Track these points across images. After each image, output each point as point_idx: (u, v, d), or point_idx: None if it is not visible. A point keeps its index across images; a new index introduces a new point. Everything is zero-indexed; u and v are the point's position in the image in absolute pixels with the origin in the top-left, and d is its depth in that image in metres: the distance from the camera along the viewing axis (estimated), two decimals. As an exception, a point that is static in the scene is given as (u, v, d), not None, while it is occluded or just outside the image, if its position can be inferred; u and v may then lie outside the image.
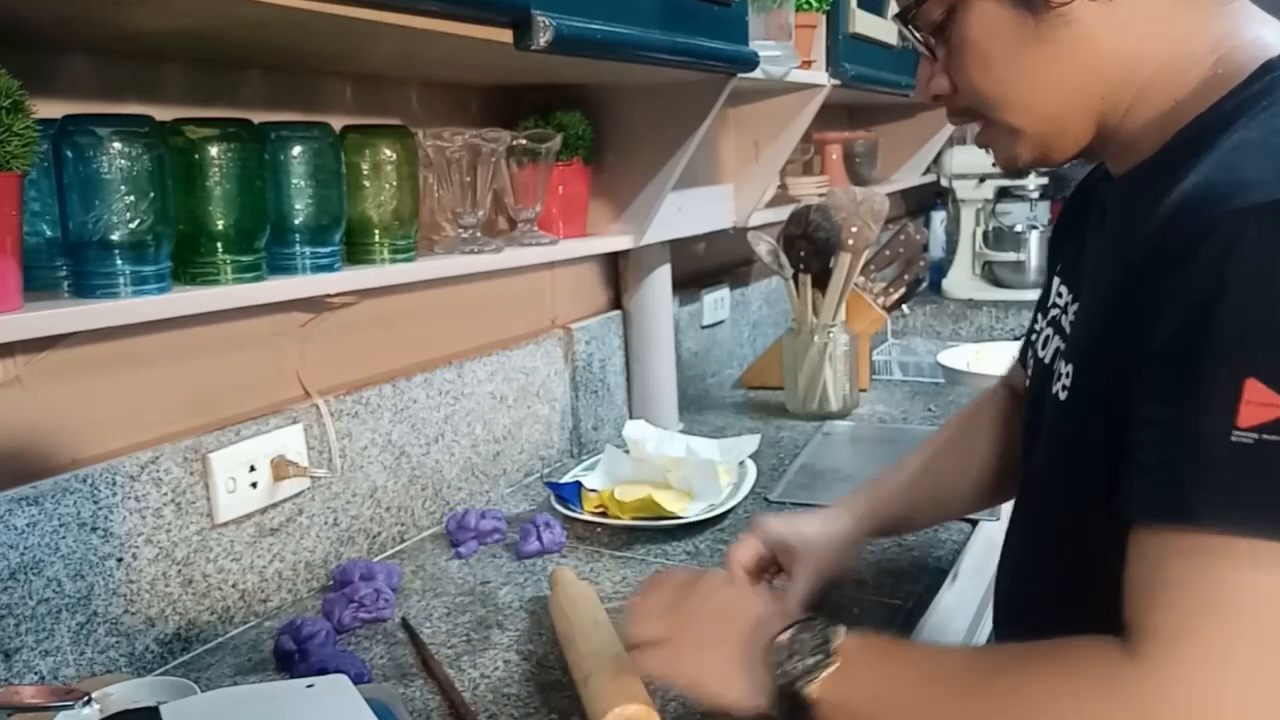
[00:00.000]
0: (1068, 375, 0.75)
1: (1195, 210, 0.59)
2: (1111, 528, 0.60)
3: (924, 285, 2.57)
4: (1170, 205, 0.61)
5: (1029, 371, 0.90)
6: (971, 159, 2.83)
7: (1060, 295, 0.83)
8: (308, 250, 1.02)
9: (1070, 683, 0.59)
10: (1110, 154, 0.77)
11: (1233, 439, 0.54)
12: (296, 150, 1.00)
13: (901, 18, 0.78)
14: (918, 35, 0.78)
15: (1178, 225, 0.60)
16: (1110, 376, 0.65)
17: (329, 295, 1.12)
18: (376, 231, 1.10)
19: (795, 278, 1.76)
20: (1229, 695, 0.54)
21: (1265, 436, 0.53)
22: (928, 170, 2.82)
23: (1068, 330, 0.80)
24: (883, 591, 1.08)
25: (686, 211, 1.64)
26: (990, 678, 0.63)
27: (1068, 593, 0.76)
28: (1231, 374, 0.54)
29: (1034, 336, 0.88)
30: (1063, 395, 0.75)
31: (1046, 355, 0.83)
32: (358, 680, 0.86)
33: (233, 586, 1.07)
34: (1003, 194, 2.93)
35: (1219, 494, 0.55)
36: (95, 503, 0.93)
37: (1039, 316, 0.88)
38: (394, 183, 1.10)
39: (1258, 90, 0.66)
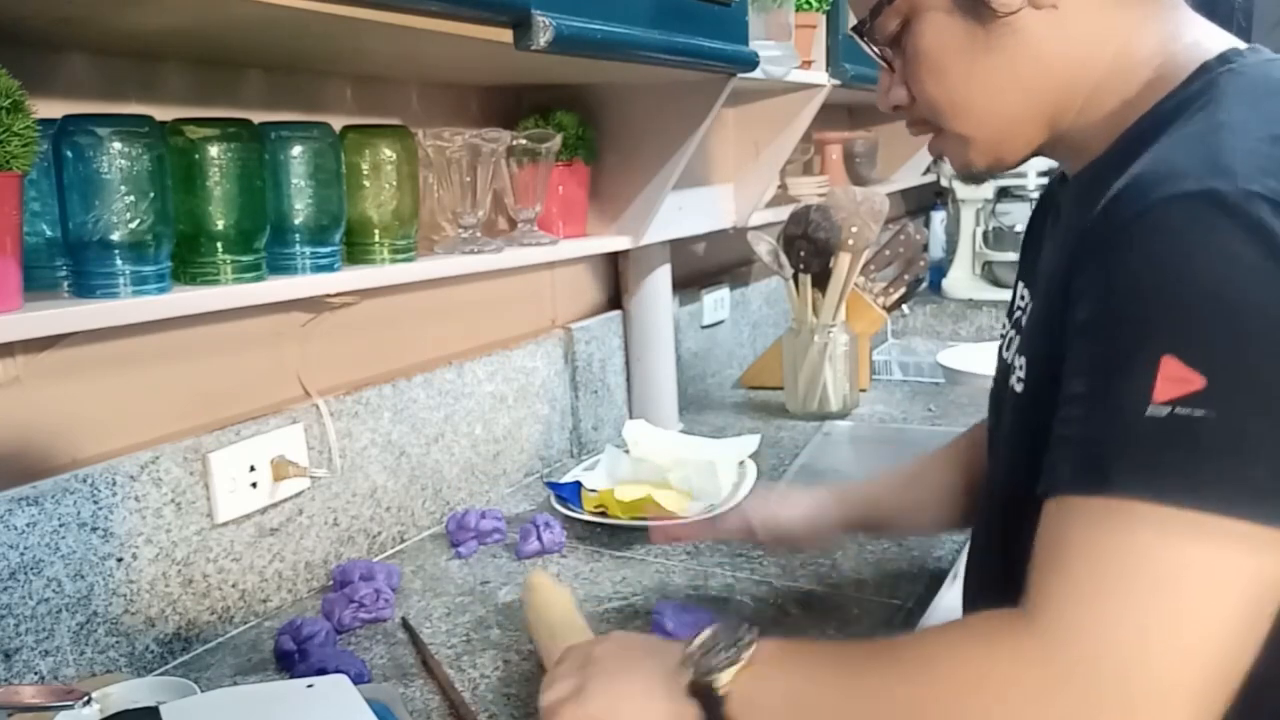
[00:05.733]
0: (1022, 368, 0.77)
1: (1128, 199, 0.61)
2: None
3: (924, 285, 2.57)
4: (1107, 197, 0.64)
5: (995, 373, 0.91)
6: (971, 159, 2.82)
7: (1022, 298, 0.86)
8: (308, 250, 1.02)
9: (975, 649, 0.61)
10: (1063, 155, 0.80)
11: (1148, 412, 0.56)
12: (296, 150, 1.00)
13: (858, 31, 0.81)
14: (875, 48, 0.81)
15: (1110, 213, 0.62)
16: (1055, 364, 0.67)
17: (329, 295, 1.12)
18: (376, 231, 1.10)
19: (795, 278, 1.76)
20: (1117, 658, 0.56)
21: (1178, 410, 0.56)
22: (928, 170, 2.82)
23: (1024, 326, 0.82)
24: (882, 592, 1.08)
25: (686, 211, 1.63)
26: (903, 655, 0.66)
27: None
28: (1150, 351, 0.57)
29: (1001, 341, 0.90)
30: (1019, 388, 0.78)
31: (1009, 355, 0.85)
32: (358, 680, 0.86)
33: (233, 586, 1.07)
34: (1003, 194, 2.92)
35: (1134, 463, 0.57)
36: (95, 503, 0.93)
37: (1006, 322, 0.90)
38: (394, 183, 1.10)
39: (1195, 90, 0.69)
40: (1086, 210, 0.67)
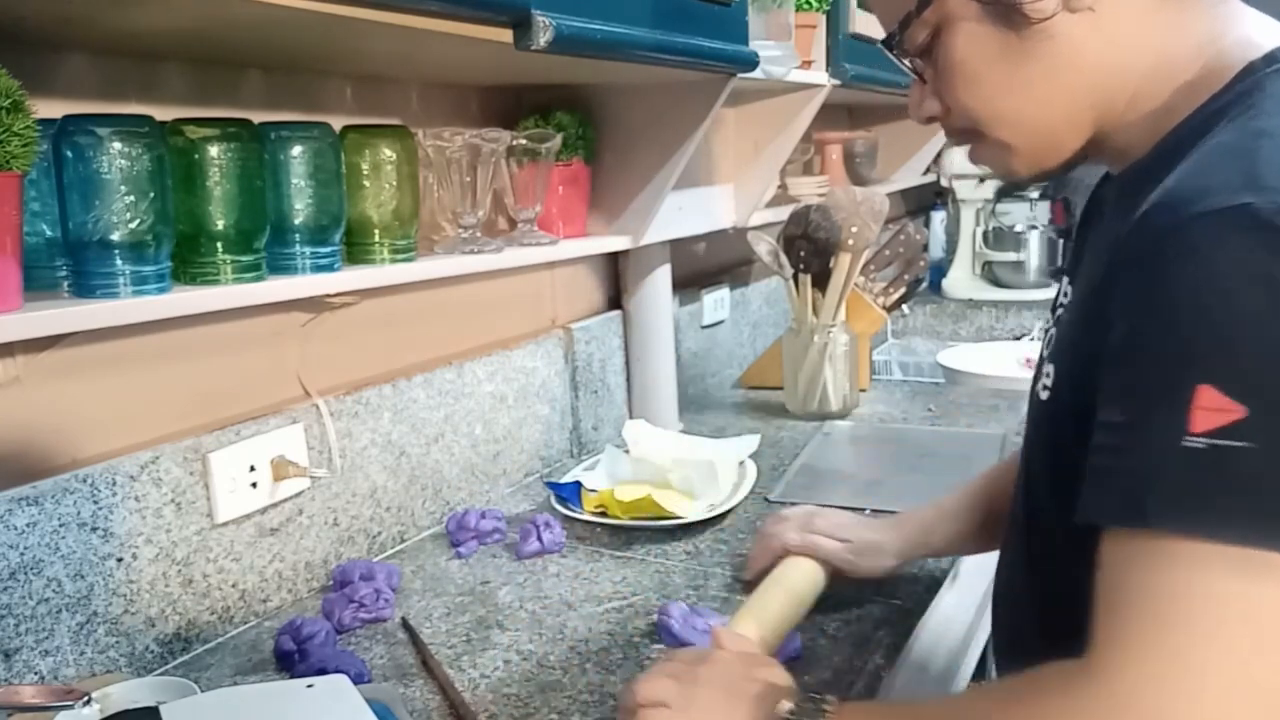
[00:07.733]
0: (1049, 375, 0.75)
1: (1159, 214, 0.59)
2: (1091, 533, 0.60)
3: (924, 285, 2.57)
4: (1141, 210, 0.61)
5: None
6: (971, 159, 2.82)
7: (1065, 294, 0.83)
8: (308, 250, 1.02)
9: (1037, 704, 0.60)
10: (1107, 157, 0.78)
11: (1184, 444, 0.54)
12: (296, 150, 1.00)
13: (887, 44, 0.79)
14: (905, 61, 0.78)
15: (1142, 228, 0.60)
16: (1083, 379, 0.65)
17: (329, 295, 1.12)
18: (376, 231, 1.10)
19: (795, 278, 1.76)
20: (1182, 706, 0.54)
21: (1218, 441, 0.53)
22: (928, 170, 2.82)
23: (1059, 330, 0.81)
24: (883, 591, 1.08)
25: (686, 211, 1.64)
26: (977, 711, 0.66)
27: (1057, 595, 0.75)
28: (1184, 379, 0.55)
29: (1043, 337, 0.89)
30: (1044, 395, 0.76)
31: (1046, 354, 0.83)
32: (358, 680, 0.86)
33: (233, 586, 1.07)
34: (1003, 194, 2.93)
35: (1172, 498, 0.55)
36: (95, 503, 0.93)
37: (1049, 317, 0.88)
38: (394, 183, 1.10)
39: (1239, 93, 0.65)
40: (1126, 215, 0.64)
